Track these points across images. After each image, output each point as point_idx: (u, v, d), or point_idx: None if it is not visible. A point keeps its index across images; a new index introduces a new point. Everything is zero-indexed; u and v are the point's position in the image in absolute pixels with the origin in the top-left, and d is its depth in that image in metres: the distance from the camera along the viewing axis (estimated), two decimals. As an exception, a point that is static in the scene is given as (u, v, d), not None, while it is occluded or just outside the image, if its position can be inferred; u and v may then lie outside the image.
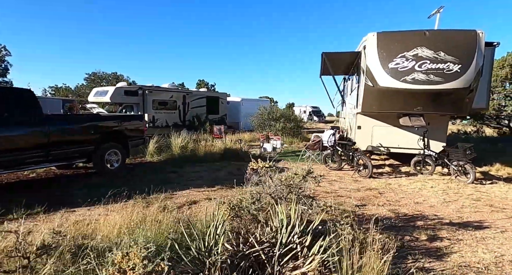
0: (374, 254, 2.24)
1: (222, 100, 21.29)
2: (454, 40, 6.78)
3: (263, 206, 3.56)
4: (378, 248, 2.29)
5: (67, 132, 6.02)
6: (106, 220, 3.59)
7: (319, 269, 2.39)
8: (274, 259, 2.54)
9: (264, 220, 3.23)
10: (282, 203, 3.32)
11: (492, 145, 12.27)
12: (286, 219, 2.85)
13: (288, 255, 2.57)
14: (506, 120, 17.80)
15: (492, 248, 3.42)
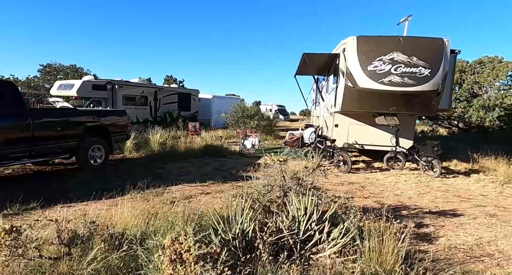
0: (392, 237, 2.54)
1: (193, 97, 21.10)
2: (424, 46, 7.45)
3: (272, 198, 3.77)
4: (394, 231, 2.60)
5: (51, 126, 5.78)
6: (114, 213, 3.59)
7: (341, 251, 2.67)
8: (298, 244, 2.78)
9: (277, 211, 3.45)
10: (292, 194, 3.55)
11: (445, 143, 13.52)
12: (303, 209, 3.09)
13: (311, 240, 2.81)
14: (455, 121, 19.63)
15: (470, 232, 3.93)
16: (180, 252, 2.07)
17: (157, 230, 2.99)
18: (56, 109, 6.73)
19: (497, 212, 4.90)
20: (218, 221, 2.90)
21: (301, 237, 2.79)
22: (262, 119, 16.98)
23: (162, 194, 5.30)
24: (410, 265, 2.56)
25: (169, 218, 3.36)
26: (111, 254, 2.42)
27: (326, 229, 2.87)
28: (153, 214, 3.66)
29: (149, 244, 2.52)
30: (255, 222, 2.83)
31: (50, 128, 5.75)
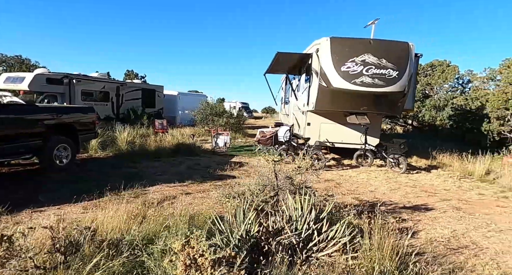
0: (390, 234, 2.66)
1: (158, 93, 20.43)
2: (392, 49, 7.88)
3: (265, 198, 3.77)
4: (392, 229, 2.72)
5: (13, 124, 5.24)
6: (98, 217, 3.38)
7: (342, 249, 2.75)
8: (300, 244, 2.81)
9: (272, 210, 3.45)
10: (288, 194, 3.57)
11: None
12: (300, 208, 3.13)
13: (310, 239, 2.86)
14: (410, 120, 21.11)
15: (444, 225, 4.25)
16: (195, 257, 2.00)
17: (153, 234, 2.86)
18: (19, 105, 6.10)
19: (461, 205, 5.34)
20: (218, 222, 2.84)
21: (303, 236, 2.82)
22: (231, 117, 16.86)
23: (142, 195, 5.09)
24: (404, 260, 2.70)
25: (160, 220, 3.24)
26: (114, 261, 2.26)
27: (324, 228, 2.94)
28: (143, 216, 3.50)
29: (153, 249, 2.40)
30: (259, 223, 2.81)
31: (12, 126, 5.22)
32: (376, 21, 9.89)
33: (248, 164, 8.47)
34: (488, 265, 3.08)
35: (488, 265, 3.07)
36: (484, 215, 4.78)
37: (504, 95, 10.77)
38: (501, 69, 13.07)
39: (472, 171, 8.07)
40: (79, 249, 2.31)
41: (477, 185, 7.10)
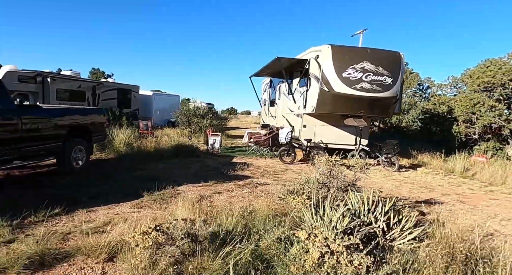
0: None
1: (134, 93, 19.88)
2: (387, 58, 8.60)
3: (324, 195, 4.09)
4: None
5: (39, 125, 5.04)
6: (158, 215, 3.52)
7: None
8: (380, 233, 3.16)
9: (332, 206, 3.78)
10: (350, 190, 3.93)
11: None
12: (366, 203, 3.49)
13: (384, 230, 3.23)
14: (376, 122, 22.66)
15: (461, 216, 4.85)
16: (328, 244, 2.27)
17: (243, 227, 3.06)
18: (42, 107, 5.79)
19: (461, 199, 6.08)
20: (311, 215, 3.12)
21: (379, 227, 3.18)
22: (215, 119, 16.90)
23: (177, 195, 5.16)
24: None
25: (235, 214, 3.43)
26: (244, 248, 2.46)
27: (393, 220, 3.33)
28: (205, 213, 3.67)
29: (268, 239, 2.63)
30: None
31: (38, 128, 5.02)
32: (364, 31, 10.68)
33: (253, 164, 8.70)
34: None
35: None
36: (485, 207, 5.52)
37: (470, 101, 12.12)
38: (463, 78, 14.62)
39: (453, 169, 9.04)
40: (197, 238, 2.46)
41: (462, 181, 8.01)
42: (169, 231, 2.32)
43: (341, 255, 2.23)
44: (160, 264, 2.34)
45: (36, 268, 2.69)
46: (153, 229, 2.28)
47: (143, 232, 2.29)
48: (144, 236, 2.27)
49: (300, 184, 4.42)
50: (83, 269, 2.77)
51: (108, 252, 2.91)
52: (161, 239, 2.24)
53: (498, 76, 11.45)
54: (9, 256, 2.74)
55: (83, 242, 3.09)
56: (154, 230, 2.28)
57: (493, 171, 8.39)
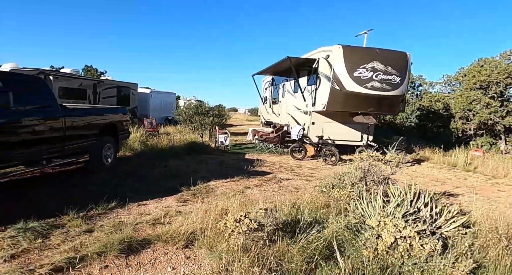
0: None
1: (133, 91, 19.84)
2: (395, 58, 8.98)
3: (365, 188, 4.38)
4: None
5: (79, 124, 5.19)
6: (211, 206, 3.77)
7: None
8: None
9: (370, 198, 4.09)
10: (391, 183, 4.24)
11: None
12: (409, 194, 3.81)
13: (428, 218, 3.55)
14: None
15: (481, 206, 5.20)
16: (400, 229, 2.57)
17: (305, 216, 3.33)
18: (81, 107, 5.89)
19: (471, 191, 6.50)
20: (363, 207, 3.41)
21: (427, 216, 3.50)
22: (216, 116, 17.04)
23: (211, 190, 5.39)
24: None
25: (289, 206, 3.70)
26: (321, 236, 2.73)
27: (435, 210, 3.65)
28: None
29: (336, 227, 2.91)
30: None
31: (78, 127, 5.18)
32: (369, 31, 11.04)
33: (266, 160, 8.95)
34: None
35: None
36: (497, 198, 5.95)
37: (467, 99, 12.69)
38: (458, 76, 15.23)
39: (455, 163, 9.54)
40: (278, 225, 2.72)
41: (466, 174, 8.49)
42: (256, 219, 2.56)
43: (413, 239, 2.52)
44: (251, 247, 2.58)
45: (128, 252, 2.92)
46: (244, 217, 2.52)
47: (236, 219, 2.53)
48: (237, 223, 2.51)
49: (337, 178, 4.70)
50: (167, 254, 3.01)
51: (185, 240, 3.14)
52: (253, 225, 2.48)
53: (494, 75, 12.04)
54: (101, 242, 2.96)
55: (158, 231, 3.37)
56: (245, 218, 2.52)
57: (494, 165, 8.91)
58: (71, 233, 3.32)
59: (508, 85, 12.86)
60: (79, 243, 3.05)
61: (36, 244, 3.02)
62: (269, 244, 2.67)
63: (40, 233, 3.23)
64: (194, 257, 2.98)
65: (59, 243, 3.08)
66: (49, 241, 3.11)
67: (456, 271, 2.27)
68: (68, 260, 2.72)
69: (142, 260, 2.89)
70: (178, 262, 2.89)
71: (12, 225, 3.31)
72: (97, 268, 2.71)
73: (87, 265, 2.73)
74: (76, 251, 2.91)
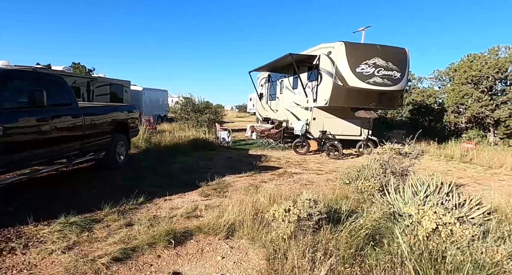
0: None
1: (126, 88, 19.67)
2: (395, 54, 9.24)
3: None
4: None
5: (97, 123, 5.21)
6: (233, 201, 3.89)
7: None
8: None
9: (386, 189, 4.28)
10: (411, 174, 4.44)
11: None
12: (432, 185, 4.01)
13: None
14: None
15: (487, 195, 5.53)
16: (441, 217, 2.75)
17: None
18: (97, 105, 5.87)
19: (475, 180, 6.83)
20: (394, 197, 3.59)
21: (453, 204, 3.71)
22: (212, 114, 17.07)
23: (228, 185, 5.49)
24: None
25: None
26: (363, 224, 2.90)
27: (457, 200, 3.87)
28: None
29: (373, 216, 3.08)
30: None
31: (96, 125, 5.19)
32: (367, 28, 11.28)
33: (271, 156, 9.09)
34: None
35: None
36: (499, 187, 6.27)
37: (459, 93, 13.16)
38: (448, 71, 15.73)
39: (452, 155, 9.92)
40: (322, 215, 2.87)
41: (464, 165, 8.86)
42: (304, 209, 2.70)
43: (453, 225, 2.71)
44: (298, 235, 2.72)
45: (175, 243, 3.02)
46: (293, 207, 2.66)
47: (285, 209, 2.66)
48: (287, 212, 2.64)
49: (357, 171, 4.88)
50: (210, 244, 3.13)
51: (226, 231, 3.26)
52: (303, 215, 2.62)
53: (485, 70, 12.52)
54: (148, 235, 3.06)
55: (195, 223, 3.49)
56: (294, 207, 2.65)
57: (489, 156, 9.33)
58: (112, 226, 3.39)
59: (497, 80, 13.39)
60: (125, 236, 3.13)
61: (84, 237, 3.08)
62: (315, 232, 2.81)
63: (83, 227, 3.29)
64: (237, 247, 3.10)
65: (105, 236, 3.15)
66: (94, 234, 3.18)
67: (497, 254, 2.46)
68: (122, 250, 2.80)
69: (190, 250, 2.99)
70: (224, 251, 3.01)
71: (53, 220, 3.36)
72: (151, 257, 2.80)
73: (141, 255, 2.82)
74: (124, 243, 2.99)
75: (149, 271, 2.60)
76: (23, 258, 2.68)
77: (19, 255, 2.73)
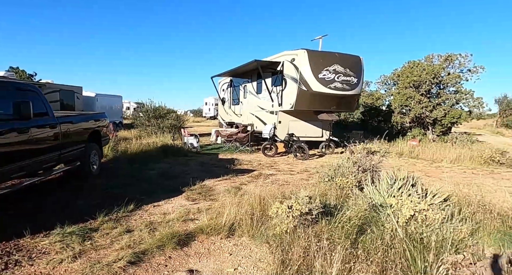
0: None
1: (77, 94, 18.69)
2: (352, 61, 10.09)
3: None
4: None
5: (72, 131, 5.06)
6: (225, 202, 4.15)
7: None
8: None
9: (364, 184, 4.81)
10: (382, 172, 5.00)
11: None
12: (399, 179, 4.60)
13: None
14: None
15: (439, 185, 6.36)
16: (416, 205, 3.27)
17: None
18: (72, 114, 5.61)
19: (424, 174, 7.76)
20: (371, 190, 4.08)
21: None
22: (174, 119, 16.85)
23: (211, 189, 5.67)
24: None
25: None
26: (350, 215, 3.31)
27: (424, 188, 4.50)
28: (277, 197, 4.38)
29: (359, 208, 3.52)
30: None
31: (71, 134, 5.03)
32: (324, 36, 12.11)
33: (242, 159, 9.37)
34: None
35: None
36: (447, 178, 7.23)
37: (404, 96, 14.63)
38: (392, 76, 17.35)
39: (402, 152, 11.05)
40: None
41: (413, 161, 9.96)
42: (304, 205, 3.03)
43: (427, 211, 3.23)
44: (299, 228, 3.05)
45: (181, 245, 3.18)
46: (295, 203, 2.98)
47: (288, 206, 2.97)
48: (289, 209, 2.95)
49: (333, 170, 5.36)
50: (214, 243, 3.33)
51: (227, 230, 3.48)
52: (305, 210, 2.95)
53: (423, 76, 14.10)
54: (154, 238, 3.18)
55: (192, 226, 3.68)
56: (296, 204, 2.97)
57: (431, 152, 10.59)
58: (112, 234, 3.42)
59: (433, 84, 15.13)
60: (128, 241, 3.20)
61: (88, 245, 3.10)
62: (313, 225, 3.16)
63: (82, 236, 3.28)
64: (240, 244, 3.34)
65: (109, 243, 3.20)
66: (97, 242, 3.20)
67: (461, 233, 3.02)
68: (133, 254, 2.90)
69: (198, 250, 3.17)
70: (230, 249, 3.23)
71: (49, 232, 3.32)
72: (163, 259, 2.94)
73: (151, 257, 2.94)
74: (131, 248, 3.07)
75: (166, 271, 2.75)
76: (32, 269, 2.66)
77: (27, 267, 2.70)
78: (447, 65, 15.35)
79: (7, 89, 3.89)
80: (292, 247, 2.86)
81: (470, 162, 9.46)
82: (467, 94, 14.84)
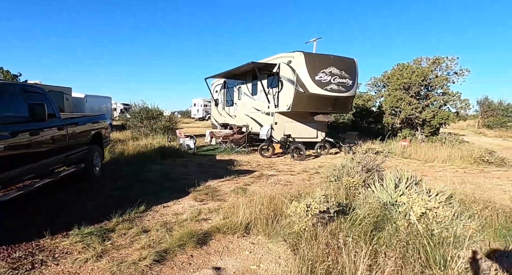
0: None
1: (66, 96, 18.34)
2: (346, 63, 10.30)
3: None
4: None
5: (78, 134, 5.04)
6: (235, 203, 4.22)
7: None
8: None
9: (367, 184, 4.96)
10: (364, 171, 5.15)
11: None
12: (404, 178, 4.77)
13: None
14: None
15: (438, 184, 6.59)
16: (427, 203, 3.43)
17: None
18: (76, 115, 5.55)
19: (423, 173, 8.00)
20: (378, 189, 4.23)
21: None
22: (167, 121, 16.76)
23: (216, 189, 5.71)
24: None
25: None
26: (363, 213, 3.43)
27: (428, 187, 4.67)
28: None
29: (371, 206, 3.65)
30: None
31: (77, 136, 5.00)
32: (318, 39, 12.31)
33: (241, 160, 9.43)
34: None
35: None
36: (441, 177, 7.49)
37: (394, 98, 15.00)
38: (383, 78, 17.75)
39: (395, 152, 11.34)
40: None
41: (406, 160, 10.24)
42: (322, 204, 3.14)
43: (437, 209, 3.39)
44: (317, 226, 3.15)
45: (200, 244, 3.24)
46: (314, 202, 3.08)
47: (307, 204, 3.07)
48: (308, 207, 3.05)
49: (338, 169, 5.49)
50: (232, 242, 3.40)
51: (243, 229, 3.55)
52: (324, 208, 3.05)
53: (413, 78, 14.50)
54: (173, 238, 3.24)
55: (206, 225, 3.76)
56: (314, 203, 3.08)
57: (423, 152, 10.91)
58: (129, 234, 3.45)
59: (422, 86, 15.56)
60: (148, 241, 3.25)
61: (109, 245, 3.13)
62: (330, 223, 3.27)
63: (101, 236, 3.30)
64: (257, 243, 3.42)
65: (129, 242, 3.23)
66: (117, 242, 3.23)
67: (470, 229, 3.18)
68: (155, 253, 2.94)
69: (217, 248, 3.24)
70: (248, 247, 3.31)
71: (66, 232, 3.33)
72: (185, 257, 2.99)
73: (174, 256, 3.00)
74: (152, 247, 3.12)
75: (191, 269, 2.80)
76: (59, 268, 2.68)
77: (53, 266, 2.71)
78: (435, 68, 15.82)
79: (16, 91, 3.85)
80: (313, 244, 2.96)
81: (461, 161, 9.80)
82: (454, 96, 15.32)
